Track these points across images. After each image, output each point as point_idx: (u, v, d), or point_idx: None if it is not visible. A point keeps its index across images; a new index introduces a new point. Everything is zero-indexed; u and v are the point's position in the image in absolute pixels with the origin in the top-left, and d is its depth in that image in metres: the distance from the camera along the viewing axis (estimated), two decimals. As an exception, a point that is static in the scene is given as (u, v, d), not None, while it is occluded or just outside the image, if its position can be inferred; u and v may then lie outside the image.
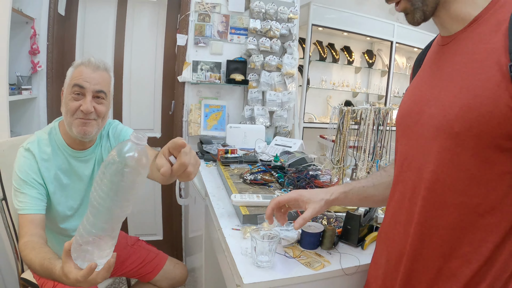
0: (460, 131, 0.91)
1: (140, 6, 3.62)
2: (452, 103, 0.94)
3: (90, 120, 1.86)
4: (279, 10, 3.64)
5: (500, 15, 0.92)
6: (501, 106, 0.84)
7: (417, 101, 1.08)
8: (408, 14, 1.03)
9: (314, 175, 2.35)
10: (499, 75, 0.86)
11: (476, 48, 0.94)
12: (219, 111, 3.62)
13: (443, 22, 1.04)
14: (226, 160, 2.71)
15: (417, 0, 0.98)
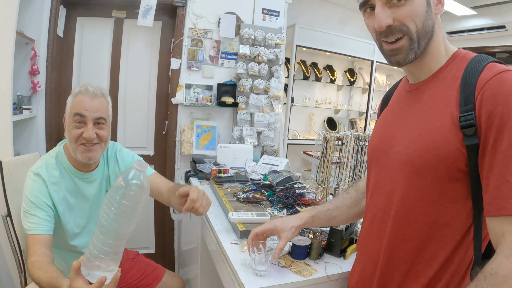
0: (420, 166, 1.14)
1: (136, 30, 3.74)
2: (415, 144, 1.16)
3: (94, 145, 1.97)
4: (267, 36, 3.85)
5: (456, 71, 1.15)
6: (453, 148, 1.07)
7: (386, 138, 1.32)
8: (399, 54, 1.18)
9: (300, 194, 2.58)
10: (451, 124, 1.08)
11: (435, 99, 1.17)
12: (210, 131, 3.78)
13: (413, 70, 1.26)
14: (219, 179, 2.88)
15: (415, 42, 1.15)
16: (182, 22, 3.70)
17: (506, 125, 0.98)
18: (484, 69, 1.07)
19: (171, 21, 3.86)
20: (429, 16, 1.14)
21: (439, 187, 1.11)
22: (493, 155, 1.00)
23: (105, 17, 3.70)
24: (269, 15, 4.00)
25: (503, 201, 0.97)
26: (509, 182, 0.96)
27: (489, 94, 1.02)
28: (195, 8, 3.71)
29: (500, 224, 0.98)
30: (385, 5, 1.13)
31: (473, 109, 1.04)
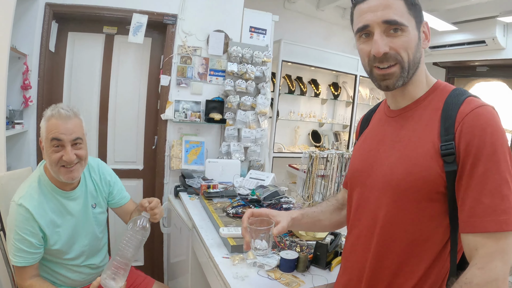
0: (403, 188, 1.25)
1: (126, 46, 3.80)
2: (398, 167, 1.27)
3: (75, 165, 2.03)
4: (255, 54, 3.96)
5: (437, 102, 1.27)
6: (433, 173, 1.19)
7: (369, 161, 1.42)
8: (389, 80, 1.28)
9: (287, 208, 2.68)
10: (433, 151, 1.20)
11: (418, 127, 1.28)
12: (199, 146, 3.86)
13: (397, 96, 1.37)
14: (209, 194, 2.97)
15: (406, 71, 1.25)
16: (172, 39, 3.78)
17: (482, 155, 1.11)
18: (463, 103, 1.19)
19: (161, 38, 3.94)
20: (419, 49, 1.27)
21: (420, 207, 1.22)
22: (469, 180, 1.12)
23: (96, 33, 3.76)
24: (256, 33, 4.11)
25: (477, 220, 1.09)
26: (483, 203, 1.09)
27: (468, 126, 1.14)
28: (185, 26, 3.80)
29: (474, 239, 1.11)
30: (383, 33, 1.24)
31: (453, 139, 1.16)
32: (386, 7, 1.22)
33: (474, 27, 5.80)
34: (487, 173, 1.10)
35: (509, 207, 1.07)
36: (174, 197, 3.40)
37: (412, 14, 1.24)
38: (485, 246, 1.08)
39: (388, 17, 1.22)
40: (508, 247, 1.08)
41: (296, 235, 2.29)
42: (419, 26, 1.27)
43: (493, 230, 1.07)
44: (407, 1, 1.24)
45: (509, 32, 5.66)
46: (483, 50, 5.97)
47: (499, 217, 1.07)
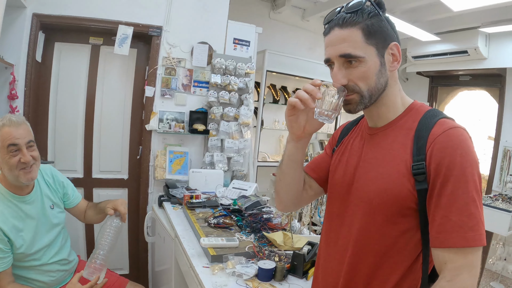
0: (377, 204, 1.30)
1: (112, 57, 3.84)
2: (373, 184, 1.32)
3: (31, 166, 2.22)
4: (238, 66, 4.03)
5: (411, 123, 1.31)
6: (405, 190, 1.24)
7: (347, 175, 1.46)
8: (350, 105, 1.32)
9: (267, 218, 2.74)
10: (405, 169, 1.25)
11: (393, 145, 1.33)
12: (183, 157, 3.90)
13: (372, 116, 1.42)
14: (191, 204, 3.02)
15: (366, 98, 1.29)
16: (156, 51, 3.84)
17: (451, 175, 1.15)
18: (435, 125, 1.24)
19: (146, 49, 3.99)
20: (382, 74, 1.30)
21: (392, 222, 1.27)
22: (439, 198, 1.17)
23: (82, 44, 3.80)
24: (240, 44, 4.19)
25: (446, 236, 1.14)
26: (451, 221, 1.14)
27: (439, 147, 1.18)
28: (170, 38, 3.86)
29: (443, 254, 1.16)
30: (342, 66, 1.29)
31: (424, 159, 1.21)
32: (342, 41, 1.27)
33: (457, 38, 5.91)
34: (455, 192, 1.14)
35: (475, 224, 1.13)
36: (158, 207, 3.44)
37: (372, 43, 1.27)
38: (453, 261, 1.14)
39: (343, 51, 1.27)
40: (475, 261, 1.14)
41: (275, 245, 2.36)
42: (382, 51, 1.30)
43: (460, 246, 1.12)
44: (365, 31, 1.26)
45: (491, 42, 5.77)
46: (465, 59, 6.07)
47: (466, 233, 1.12)
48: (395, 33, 1.33)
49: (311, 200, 1.78)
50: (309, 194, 1.70)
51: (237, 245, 2.27)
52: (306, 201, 1.77)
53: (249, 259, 2.14)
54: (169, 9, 3.85)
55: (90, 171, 3.96)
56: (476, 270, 1.14)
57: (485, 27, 5.29)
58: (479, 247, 1.13)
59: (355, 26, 1.27)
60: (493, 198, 5.03)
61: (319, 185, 1.68)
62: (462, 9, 4.69)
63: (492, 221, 4.33)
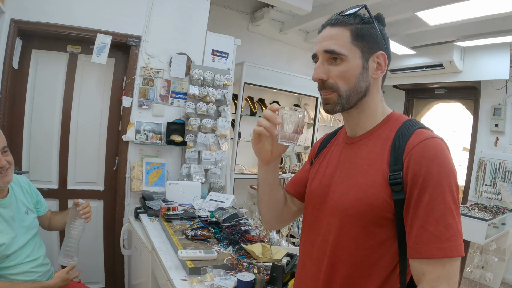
0: (352, 214, 1.29)
1: (89, 65, 3.81)
2: (348, 193, 1.32)
3: (7, 170, 2.30)
4: (216, 77, 4.03)
5: (389, 132, 1.32)
6: (381, 200, 1.23)
7: (323, 185, 1.45)
8: (328, 104, 1.34)
9: (245, 230, 2.72)
10: (382, 179, 1.25)
11: (370, 155, 1.33)
12: (160, 168, 3.87)
13: (350, 124, 1.43)
14: (168, 217, 2.99)
15: (344, 99, 1.31)
16: (135, 61, 3.81)
17: (428, 185, 1.15)
18: (412, 135, 1.24)
19: (124, 59, 3.96)
20: (364, 78, 1.32)
21: (367, 232, 1.26)
22: (416, 209, 1.17)
23: (60, 51, 3.75)
24: (218, 56, 4.20)
25: (423, 246, 1.14)
26: (428, 231, 1.14)
27: (415, 157, 1.19)
28: (148, 48, 3.85)
29: (420, 265, 1.16)
30: (325, 61, 1.32)
31: (401, 169, 1.21)
32: (330, 38, 1.30)
33: (432, 51, 6.06)
34: (432, 203, 1.14)
35: (453, 235, 1.13)
36: (134, 219, 3.39)
37: (358, 45, 1.30)
38: (431, 272, 1.14)
39: (328, 47, 1.29)
40: (453, 271, 1.14)
41: (254, 257, 2.34)
42: (367, 56, 1.32)
43: (438, 257, 1.12)
44: (353, 33, 1.30)
45: (466, 56, 5.92)
46: (441, 73, 6.22)
47: (443, 244, 1.12)
48: (386, 46, 1.36)
49: (296, 216, 1.77)
50: (293, 210, 1.71)
51: (216, 257, 2.25)
52: (291, 217, 1.76)
53: (228, 271, 2.12)
54: (148, 19, 3.84)
55: (65, 182, 3.89)
56: (454, 280, 1.14)
57: (460, 41, 5.43)
58: (457, 257, 1.14)
59: (345, 26, 1.31)
60: (469, 208, 5.13)
61: (300, 201, 1.68)
62: (438, 23, 4.79)
63: (469, 230, 4.39)
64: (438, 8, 4.21)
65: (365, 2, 1.37)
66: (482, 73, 5.80)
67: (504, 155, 5.95)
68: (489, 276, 5.02)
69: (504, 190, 5.69)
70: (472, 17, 4.36)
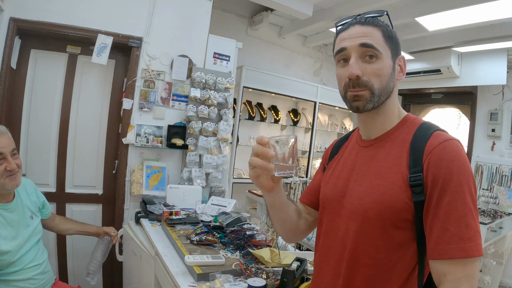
0: (371, 216, 1.27)
1: (89, 66, 3.77)
2: (367, 196, 1.30)
3: (16, 173, 2.31)
4: (218, 80, 3.99)
5: (406, 135, 1.32)
6: (401, 202, 1.22)
7: (339, 188, 1.44)
8: (359, 101, 1.31)
9: (251, 235, 2.68)
10: (401, 181, 1.24)
11: (387, 157, 1.31)
12: (160, 172, 3.82)
13: (368, 126, 1.42)
14: (171, 221, 2.94)
15: (376, 96, 1.30)
16: (136, 62, 3.77)
17: (448, 186, 1.16)
18: (431, 137, 1.25)
19: (124, 60, 3.92)
20: (392, 78, 1.33)
21: (387, 235, 1.26)
22: (436, 210, 1.17)
23: (59, 52, 3.70)
24: (220, 59, 4.16)
25: (444, 247, 1.13)
26: (449, 232, 1.13)
27: (435, 159, 1.19)
28: (149, 50, 3.80)
29: (442, 266, 1.15)
30: (359, 58, 1.30)
31: (421, 171, 1.21)
32: (364, 35, 1.30)
33: (430, 57, 6.10)
34: (453, 204, 1.15)
35: (473, 235, 1.13)
36: (135, 223, 3.32)
37: (388, 45, 1.32)
38: (453, 272, 1.13)
39: (365, 41, 1.29)
40: (474, 272, 1.14)
41: (262, 262, 2.29)
42: (394, 57, 1.34)
43: (459, 257, 1.12)
44: (384, 33, 1.31)
45: (463, 61, 5.98)
46: (438, 78, 6.27)
47: (465, 244, 1.12)
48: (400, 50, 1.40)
49: (313, 226, 1.73)
50: (309, 221, 1.70)
51: (224, 262, 2.20)
52: (309, 228, 1.73)
53: (237, 277, 2.07)
54: (150, 20, 3.81)
55: (63, 186, 3.82)
56: (475, 281, 1.14)
57: (458, 46, 5.49)
58: (477, 257, 1.14)
59: (376, 26, 1.33)
60: (467, 212, 5.10)
61: (316, 210, 1.65)
62: (437, 28, 4.83)
63: None
64: (437, 14, 4.27)
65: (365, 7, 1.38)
66: (479, 79, 5.87)
67: (501, 159, 6.04)
68: (488, 280, 5.04)
69: (501, 194, 5.75)
70: (470, 23, 4.44)
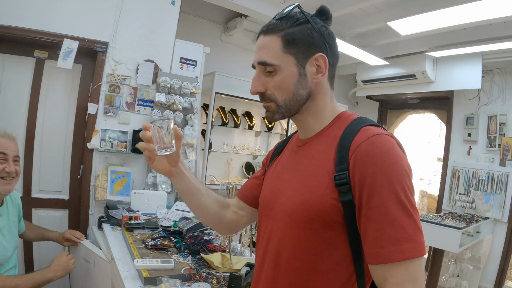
0: (299, 217, 1.23)
1: (56, 71, 3.72)
2: (295, 197, 1.26)
3: (12, 179, 2.39)
4: (183, 85, 3.99)
5: (337, 131, 1.27)
6: (328, 204, 1.17)
7: (274, 190, 1.40)
8: (268, 112, 1.32)
9: (208, 240, 2.67)
10: (328, 180, 1.19)
11: (317, 155, 1.28)
12: (125, 177, 3.80)
13: (301, 127, 1.39)
14: (130, 226, 2.93)
15: (283, 108, 1.28)
16: (101, 67, 3.76)
17: (377, 185, 1.09)
18: (359, 132, 1.19)
19: (92, 65, 3.89)
20: (302, 85, 1.27)
21: (317, 237, 1.20)
22: (368, 211, 1.11)
23: (26, 56, 3.68)
24: (187, 64, 4.16)
25: (382, 250, 1.08)
26: (385, 234, 1.08)
27: (362, 155, 1.13)
28: (115, 54, 3.79)
29: (382, 270, 1.09)
30: (261, 73, 1.28)
31: (347, 168, 1.15)
32: (262, 48, 1.27)
33: (405, 62, 6.13)
34: (385, 203, 1.09)
35: (412, 235, 1.07)
36: (97, 228, 3.31)
37: (291, 52, 1.26)
38: (394, 276, 1.08)
39: (260, 59, 1.27)
40: (417, 273, 1.08)
41: (213, 267, 2.28)
42: (303, 61, 1.27)
43: (399, 260, 1.06)
44: (284, 39, 1.25)
45: (438, 66, 6.00)
46: (414, 83, 6.28)
47: (402, 245, 1.06)
48: (326, 44, 1.30)
49: (246, 222, 1.71)
50: (240, 215, 1.67)
51: (173, 267, 2.20)
52: (239, 224, 1.71)
53: (185, 282, 2.06)
54: (116, 25, 3.80)
55: (29, 190, 3.79)
56: (420, 283, 1.09)
57: (432, 51, 5.48)
58: (420, 257, 1.08)
59: (276, 33, 1.26)
60: (443, 217, 5.17)
61: (251, 206, 1.63)
62: (409, 33, 4.83)
63: (443, 239, 4.43)
64: (410, 18, 4.25)
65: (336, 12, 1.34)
66: (455, 83, 5.87)
67: (477, 164, 6.03)
68: (465, 285, 5.06)
69: (478, 199, 5.80)
70: (443, 26, 4.40)
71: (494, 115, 5.83)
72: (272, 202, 1.39)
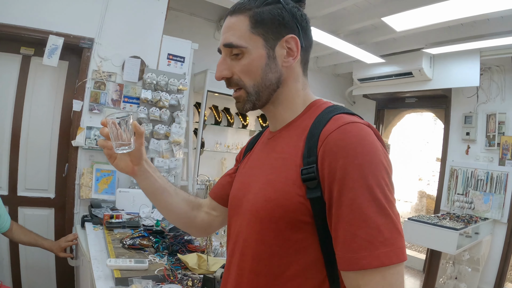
0: (263, 217, 1.11)
1: (42, 68, 3.68)
2: (259, 193, 1.15)
3: None
4: (170, 82, 3.91)
5: (308, 121, 1.15)
6: (295, 201, 1.05)
7: (242, 186, 1.29)
8: (238, 103, 1.22)
9: (188, 240, 2.59)
10: (295, 175, 1.06)
11: (285, 148, 1.16)
12: (110, 175, 3.73)
13: (271, 118, 1.28)
14: (110, 225, 2.86)
15: (252, 95, 1.18)
16: (86, 63, 3.69)
17: (349, 179, 0.97)
18: (330, 120, 1.07)
19: (78, 62, 3.83)
20: (271, 69, 1.18)
21: (282, 238, 1.08)
22: (339, 210, 0.98)
23: (12, 53, 3.63)
24: (174, 60, 4.09)
25: (354, 256, 0.95)
26: (357, 236, 0.94)
27: (332, 146, 1.01)
28: (101, 51, 3.73)
29: (355, 277, 0.97)
30: (227, 56, 1.19)
31: (315, 161, 1.03)
32: (229, 29, 1.18)
33: (401, 59, 6.03)
34: (357, 201, 0.95)
35: (388, 238, 0.94)
36: (80, 227, 3.24)
37: (259, 32, 1.16)
38: (369, 284, 0.95)
39: (226, 41, 1.18)
40: (394, 280, 0.95)
41: (189, 269, 2.20)
42: (272, 43, 1.17)
43: (374, 266, 0.93)
44: (252, 19, 1.16)
45: (436, 64, 5.91)
46: (410, 81, 6.18)
47: (378, 250, 0.93)
48: (299, 26, 1.19)
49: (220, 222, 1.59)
50: (213, 215, 1.55)
51: (147, 267, 2.11)
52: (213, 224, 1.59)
53: (158, 283, 1.97)
54: (102, 21, 3.73)
55: (15, 189, 3.73)
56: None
57: (429, 48, 5.37)
58: (399, 263, 0.95)
59: (243, 13, 1.16)
60: (440, 217, 5.09)
61: (223, 206, 1.52)
62: (405, 29, 4.72)
63: (440, 240, 4.36)
64: (404, 13, 4.14)
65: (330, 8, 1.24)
66: (452, 81, 5.77)
67: (476, 163, 5.94)
68: (463, 287, 4.95)
69: (477, 199, 5.71)
70: (439, 21, 4.29)
71: (493, 113, 5.74)
72: (240, 200, 1.27)
